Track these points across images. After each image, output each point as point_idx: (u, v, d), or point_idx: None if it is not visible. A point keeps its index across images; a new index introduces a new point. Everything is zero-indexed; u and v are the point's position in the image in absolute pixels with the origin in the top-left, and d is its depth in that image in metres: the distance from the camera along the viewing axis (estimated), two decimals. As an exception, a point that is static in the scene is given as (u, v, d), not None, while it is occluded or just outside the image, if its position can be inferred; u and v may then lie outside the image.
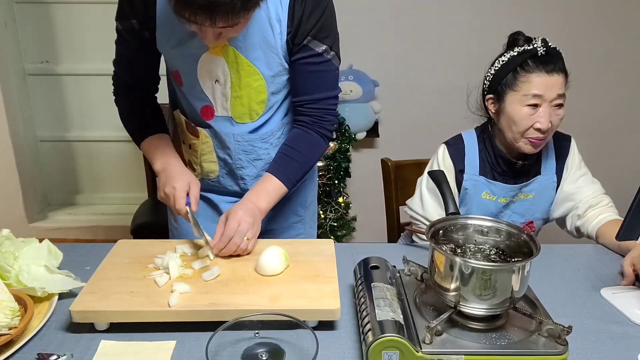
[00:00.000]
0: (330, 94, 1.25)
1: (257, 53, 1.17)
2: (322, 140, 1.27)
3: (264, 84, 1.22)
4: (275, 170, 1.23)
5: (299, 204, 1.46)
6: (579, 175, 1.45)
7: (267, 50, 1.17)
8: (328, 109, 1.25)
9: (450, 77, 2.67)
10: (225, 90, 1.23)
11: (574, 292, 1.13)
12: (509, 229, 0.99)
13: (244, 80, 1.20)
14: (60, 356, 0.90)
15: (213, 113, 1.27)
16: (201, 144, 1.32)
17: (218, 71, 1.20)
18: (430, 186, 1.42)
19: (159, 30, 1.18)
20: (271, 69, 1.20)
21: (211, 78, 1.22)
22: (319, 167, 2.57)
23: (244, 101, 1.24)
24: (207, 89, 1.24)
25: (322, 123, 1.26)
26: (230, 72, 1.20)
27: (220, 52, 1.17)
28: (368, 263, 1.07)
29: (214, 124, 1.28)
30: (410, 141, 2.70)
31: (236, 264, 1.12)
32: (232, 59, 1.18)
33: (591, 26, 2.69)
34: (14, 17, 2.62)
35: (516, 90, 1.32)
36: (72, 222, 2.91)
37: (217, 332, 0.84)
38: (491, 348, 0.86)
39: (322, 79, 1.23)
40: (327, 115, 1.26)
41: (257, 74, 1.20)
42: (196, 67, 1.20)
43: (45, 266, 1.08)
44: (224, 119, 1.27)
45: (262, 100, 1.24)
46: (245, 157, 1.32)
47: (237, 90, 1.22)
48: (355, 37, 2.73)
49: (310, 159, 1.28)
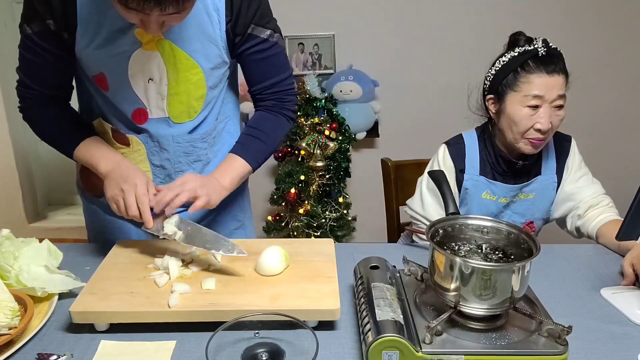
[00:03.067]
0: (284, 75, 1.24)
1: (195, 45, 1.13)
2: (285, 120, 1.28)
3: (203, 78, 1.18)
4: (238, 150, 1.22)
5: (238, 208, 1.41)
6: (580, 176, 1.45)
7: (205, 41, 1.14)
8: (286, 89, 1.25)
9: (450, 77, 2.67)
10: (160, 88, 1.16)
11: (574, 292, 1.13)
12: (509, 229, 0.99)
13: (182, 75, 1.15)
14: (60, 356, 0.90)
15: (147, 116, 1.19)
16: (132, 152, 1.23)
17: (152, 68, 1.14)
18: (430, 186, 1.42)
19: (80, 30, 1.08)
20: (210, 61, 1.17)
21: (144, 77, 1.15)
22: (319, 167, 2.57)
23: (182, 98, 1.19)
24: (139, 89, 1.16)
25: (284, 104, 1.26)
26: (166, 68, 1.14)
27: (155, 46, 1.11)
28: (368, 263, 1.07)
29: (148, 127, 1.20)
30: (410, 141, 2.70)
31: (236, 264, 1.12)
32: (169, 52, 1.12)
33: (591, 26, 2.69)
34: (14, 17, 2.62)
35: (517, 91, 1.32)
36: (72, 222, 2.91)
37: (217, 332, 0.84)
38: (491, 348, 0.86)
39: (274, 64, 1.22)
40: (287, 96, 1.26)
41: (195, 67, 1.16)
42: (127, 67, 1.13)
43: (45, 266, 1.08)
44: (160, 120, 1.20)
45: (201, 96, 1.20)
46: (185, 159, 1.26)
47: (174, 87, 1.17)
48: (355, 37, 2.73)
49: (274, 139, 1.27)
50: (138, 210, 1.06)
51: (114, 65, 1.13)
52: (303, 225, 2.62)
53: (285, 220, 2.66)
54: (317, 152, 2.56)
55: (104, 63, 1.13)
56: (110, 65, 1.13)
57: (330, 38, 2.73)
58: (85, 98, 1.25)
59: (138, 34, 1.09)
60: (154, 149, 1.24)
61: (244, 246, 1.18)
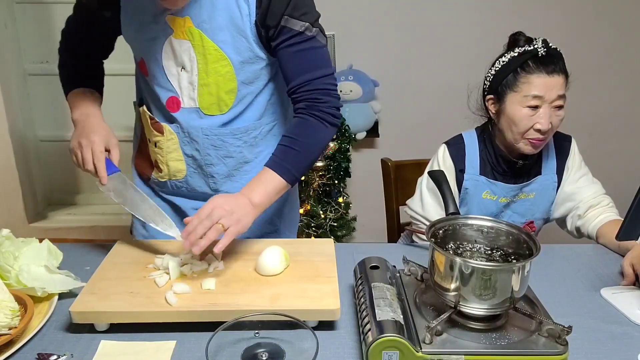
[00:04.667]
0: (320, 72, 1.13)
1: (224, 36, 1.11)
2: (321, 124, 1.14)
3: (232, 71, 1.15)
4: (271, 162, 1.12)
5: (274, 213, 1.37)
6: (580, 176, 1.45)
7: (235, 33, 1.11)
8: (322, 89, 1.13)
9: (450, 77, 2.67)
10: (192, 77, 1.16)
11: (574, 292, 1.13)
12: (509, 229, 0.99)
13: (211, 66, 1.14)
14: (60, 356, 0.90)
15: (179, 105, 1.20)
16: (166, 140, 1.25)
17: (184, 57, 1.14)
18: (430, 186, 1.42)
19: (123, 11, 1.13)
20: (240, 54, 1.14)
21: (177, 64, 1.15)
22: (319, 167, 2.57)
23: (212, 90, 1.17)
24: (172, 77, 1.17)
25: (319, 105, 1.13)
26: (197, 57, 1.13)
27: (186, 35, 1.11)
28: (368, 263, 1.07)
29: (180, 116, 1.21)
30: (410, 141, 2.70)
31: (236, 264, 1.12)
32: (199, 42, 1.11)
33: (591, 26, 2.69)
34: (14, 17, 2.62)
35: (516, 91, 1.32)
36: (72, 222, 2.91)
37: (217, 332, 0.84)
38: (491, 348, 0.86)
39: (308, 59, 1.13)
40: (323, 96, 1.13)
41: (224, 59, 1.13)
42: (161, 53, 1.14)
43: (45, 266, 1.08)
44: (191, 110, 1.21)
45: (231, 90, 1.18)
46: (214, 152, 1.24)
47: (204, 78, 1.15)
48: (355, 37, 2.73)
49: (310, 146, 1.14)
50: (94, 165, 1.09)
51: (150, 51, 1.15)
52: (303, 225, 2.62)
53: (285, 220, 2.66)
54: (317, 152, 2.55)
55: (142, 47, 1.17)
56: (147, 50, 1.16)
57: (330, 38, 2.72)
58: (139, 85, 1.31)
59: (169, 21, 1.10)
60: (185, 139, 1.24)
61: (244, 245, 1.19)
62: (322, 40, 1.15)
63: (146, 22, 1.11)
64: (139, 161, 1.40)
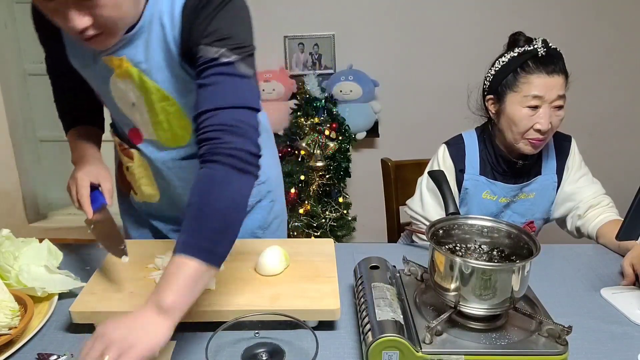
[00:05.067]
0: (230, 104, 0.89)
1: (164, 75, 1.02)
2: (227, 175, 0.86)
3: (180, 109, 1.07)
4: (179, 244, 0.83)
5: (258, 226, 1.32)
6: (580, 176, 1.45)
7: (173, 72, 1.02)
8: (229, 125, 0.87)
9: (450, 77, 2.67)
10: (143, 115, 1.10)
11: (574, 292, 1.13)
12: (509, 229, 0.99)
13: (158, 105, 1.06)
14: (60, 356, 0.90)
15: (141, 137, 1.15)
16: (137, 167, 1.22)
17: (130, 95, 1.07)
18: (430, 186, 1.42)
19: (68, 51, 1.08)
20: (183, 94, 1.05)
21: (127, 102, 1.09)
22: (319, 167, 2.57)
23: (165, 126, 1.10)
24: (127, 112, 1.12)
25: (219, 147, 0.86)
26: (142, 97, 1.06)
27: (125, 75, 1.03)
28: (368, 263, 1.07)
29: (143, 148, 1.16)
30: (410, 141, 2.70)
31: (236, 264, 1.12)
32: (139, 83, 1.03)
33: (591, 26, 2.69)
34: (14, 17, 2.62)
35: (516, 91, 1.32)
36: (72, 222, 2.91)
37: (217, 332, 0.84)
38: (491, 348, 0.86)
39: (218, 88, 0.91)
40: (226, 135, 0.87)
41: (168, 99, 1.05)
42: (110, 91, 1.09)
43: (45, 266, 1.08)
44: (152, 142, 1.15)
45: (185, 125, 1.10)
46: (179, 183, 1.18)
47: (154, 116, 1.09)
48: (355, 37, 2.73)
49: (222, 207, 0.84)
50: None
51: (100, 88, 1.11)
52: (303, 225, 2.62)
53: (285, 220, 2.66)
54: (317, 152, 2.56)
55: (94, 83, 1.12)
56: (98, 88, 1.12)
57: (330, 38, 2.73)
58: None
59: (106, 61, 1.03)
60: (151, 168, 1.22)
61: (244, 245, 1.18)
62: (241, 70, 0.92)
63: (88, 61, 1.06)
64: (119, 179, 1.37)
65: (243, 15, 0.97)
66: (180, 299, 0.80)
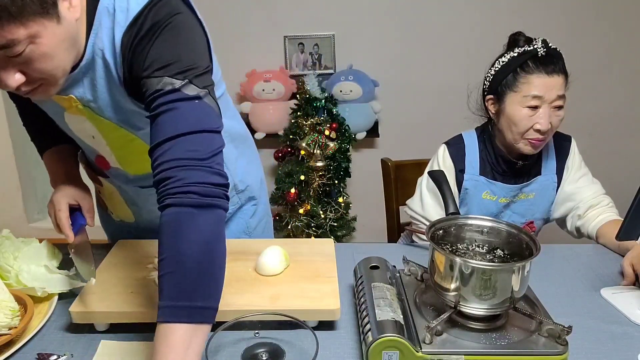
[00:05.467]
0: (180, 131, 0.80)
1: (115, 111, 0.96)
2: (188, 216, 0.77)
3: (138, 139, 1.02)
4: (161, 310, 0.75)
5: (242, 230, 1.29)
6: (580, 176, 1.45)
7: (124, 107, 0.96)
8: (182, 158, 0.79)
9: (450, 77, 2.67)
10: (104, 147, 1.06)
11: (574, 292, 1.13)
12: (509, 229, 0.99)
13: (116, 136, 1.01)
14: (60, 356, 0.90)
15: (107, 164, 1.11)
16: (108, 193, 1.21)
17: (87, 129, 1.02)
18: (430, 186, 1.42)
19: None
20: (138, 128, 0.99)
21: (87, 134, 1.04)
22: (319, 167, 2.57)
23: (130, 157, 1.07)
24: (90, 143, 1.07)
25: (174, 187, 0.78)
26: (98, 131, 1.02)
27: (77, 111, 0.97)
28: (368, 263, 1.07)
29: (111, 174, 1.13)
30: (410, 141, 2.70)
31: (236, 264, 1.12)
32: (93, 119, 0.98)
33: (591, 26, 2.69)
34: (14, 17, 2.61)
35: (516, 91, 1.31)
36: (72, 222, 2.91)
37: (217, 332, 0.84)
38: (491, 348, 0.86)
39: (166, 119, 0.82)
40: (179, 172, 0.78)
41: (126, 135, 1.01)
42: (67, 126, 1.05)
43: (45, 266, 1.08)
44: (119, 171, 1.12)
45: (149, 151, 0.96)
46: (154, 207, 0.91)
47: (116, 149, 1.05)
48: (355, 37, 2.73)
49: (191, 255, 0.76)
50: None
51: (58, 121, 1.05)
52: (303, 225, 2.62)
53: (285, 220, 2.66)
54: (317, 152, 2.56)
55: (51, 116, 1.06)
56: (56, 120, 1.06)
57: (330, 38, 2.73)
58: None
59: (56, 99, 0.96)
60: (123, 194, 1.19)
61: (244, 245, 1.18)
62: (190, 92, 0.84)
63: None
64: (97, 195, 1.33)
65: (186, 36, 0.88)
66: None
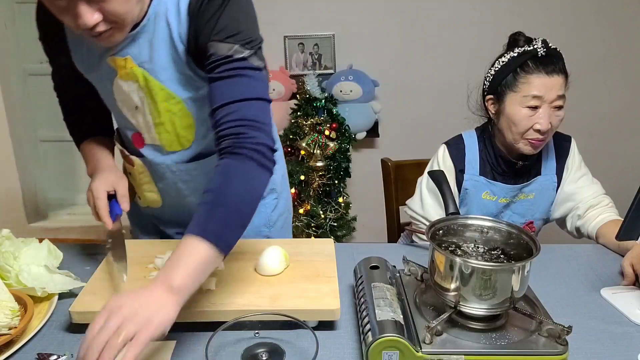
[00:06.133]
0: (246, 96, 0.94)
1: (168, 74, 1.03)
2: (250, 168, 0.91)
3: (184, 108, 1.08)
4: (193, 226, 0.85)
5: (263, 224, 1.33)
6: (580, 176, 1.45)
7: (178, 70, 1.03)
8: (250, 120, 0.92)
9: (450, 77, 2.67)
10: (146, 117, 1.10)
11: (574, 292, 1.13)
12: (509, 229, 0.99)
13: (162, 105, 1.06)
14: (60, 356, 0.90)
15: (143, 141, 1.15)
16: (138, 173, 1.22)
17: (134, 97, 1.07)
18: (430, 186, 1.42)
19: (73, 55, 1.10)
20: (187, 91, 1.05)
21: (130, 105, 1.09)
22: (319, 167, 2.57)
23: (168, 128, 1.10)
24: (129, 116, 1.12)
25: (244, 142, 0.91)
26: (145, 98, 1.06)
27: (130, 76, 1.04)
28: (368, 263, 1.07)
29: (146, 152, 1.16)
30: (410, 141, 2.70)
31: (236, 264, 1.12)
32: (144, 82, 1.04)
33: (591, 26, 2.69)
34: (14, 17, 2.62)
35: (516, 91, 1.32)
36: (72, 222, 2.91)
37: (217, 332, 0.84)
38: (491, 348, 0.86)
39: (234, 83, 0.94)
40: (250, 130, 0.92)
41: (173, 97, 1.06)
42: (113, 94, 1.10)
43: (45, 266, 1.08)
44: (154, 147, 1.15)
45: (189, 125, 1.10)
46: (185, 186, 1.18)
47: (157, 117, 1.09)
48: (355, 37, 2.74)
49: (240, 199, 0.88)
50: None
51: (104, 91, 1.12)
52: (303, 225, 2.62)
53: (285, 220, 2.66)
54: (317, 152, 2.56)
55: (98, 87, 1.13)
56: (102, 91, 1.13)
57: (330, 38, 2.73)
58: None
59: (111, 62, 1.04)
60: (154, 174, 1.21)
61: (244, 245, 1.18)
62: (254, 63, 0.97)
63: (93, 63, 1.07)
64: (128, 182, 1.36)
65: (249, 10, 1.00)
66: (188, 281, 0.81)
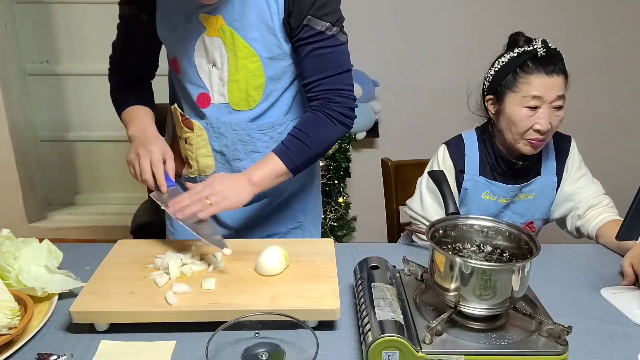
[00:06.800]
0: (335, 71, 1.19)
1: (254, 33, 1.16)
2: (331, 122, 1.19)
3: (260, 67, 1.20)
4: (278, 148, 1.18)
5: (300, 210, 1.43)
6: (579, 176, 1.45)
7: (265, 30, 1.16)
8: (336, 89, 1.19)
9: (450, 78, 2.67)
10: (222, 74, 1.22)
11: (574, 292, 1.13)
12: (509, 229, 0.99)
13: (241, 62, 1.19)
14: (60, 356, 0.90)
15: (209, 100, 1.26)
16: (196, 137, 1.30)
17: (215, 53, 1.20)
18: (430, 186, 1.42)
19: (158, 13, 1.20)
20: (268, 51, 1.19)
21: (209, 62, 1.22)
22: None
23: (241, 86, 1.22)
24: (203, 73, 1.23)
25: (331, 105, 1.19)
26: (227, 54, 1.19)
27: (217, 32, 1.17)
28: (368, 263, 1.07)
29: (210, 112, 1.27)
30: (410, 141, 2.70)
31: (236, 264, 1.12)
32: (230, 39, 1.17)
33: (591, 26, 2.69)
34: (14, 17, 2.62)
35: (516, 92, 1.31)
36: (72, 222, 2.91)
37: (217, 332, 0.84)
38: (491, 348, 0.86)
39: (325, 58, 1.18)
40: (336, 96, 1.19)
41: (254, 56, 1.19)
42: (193, 51, 1.21)
43: (45, 266, 1.08)
44: (220, 106, 1.26)
45: (259, 85, 1.23)
46: (242, 147, 1.29)
47: (234, 74, 1.21)
48: (355, 37, 2.72)
49: (317, 140, 1.18)
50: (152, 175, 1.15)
51: (183, 49, 1.22)
52: (303, 225, 2.61)
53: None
54: (317, 152, 2.55)
55: (176, 46, 1.24)
56: (181, 49, 1.22)
57: (330, 38, 2.72)
58: (171, 84, 1.36)
59: (202, 19, 1.16)
60: (213, 135, 1.28)
61: (244, 245, 1.19)
62: (341, 39, 1.21)
63: (180, 21, 1.18)
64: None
65: None
66: (263, 181, 1.15)
